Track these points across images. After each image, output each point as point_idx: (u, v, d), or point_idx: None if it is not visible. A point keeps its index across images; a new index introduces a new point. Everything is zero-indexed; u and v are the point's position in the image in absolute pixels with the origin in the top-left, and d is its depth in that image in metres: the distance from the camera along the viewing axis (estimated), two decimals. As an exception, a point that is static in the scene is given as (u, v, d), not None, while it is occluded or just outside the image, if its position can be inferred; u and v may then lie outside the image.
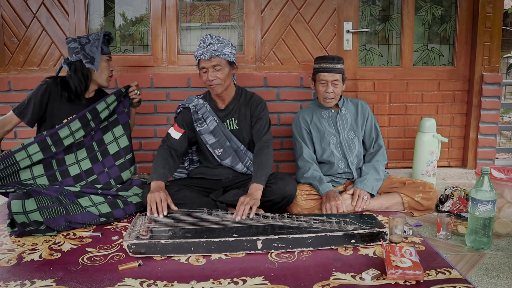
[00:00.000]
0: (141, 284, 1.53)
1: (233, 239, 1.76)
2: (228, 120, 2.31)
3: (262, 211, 2.13)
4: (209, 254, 1.76)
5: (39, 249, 1.85)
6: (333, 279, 1.56)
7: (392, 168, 3.11)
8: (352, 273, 1.60)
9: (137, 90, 2.41)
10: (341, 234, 1.81)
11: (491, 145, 3.09)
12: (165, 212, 2.00)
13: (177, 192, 2.16)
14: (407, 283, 1.52)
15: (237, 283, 1.54)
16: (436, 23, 3.09)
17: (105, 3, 2.92)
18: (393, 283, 1.52)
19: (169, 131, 2.32)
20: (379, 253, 1.77)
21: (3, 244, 1.91)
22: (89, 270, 1.65)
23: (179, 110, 2.35)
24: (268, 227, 1.88)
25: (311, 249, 1.80)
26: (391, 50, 3.09)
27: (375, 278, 1.55)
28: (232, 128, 2.32)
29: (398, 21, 3.05)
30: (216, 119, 2.29)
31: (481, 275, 1.62)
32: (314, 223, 1.92)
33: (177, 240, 1.75)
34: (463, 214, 2.23)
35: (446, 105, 3.10)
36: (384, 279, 1.55)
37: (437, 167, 2.97)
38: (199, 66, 2.21)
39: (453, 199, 2.34)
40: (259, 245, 1.77)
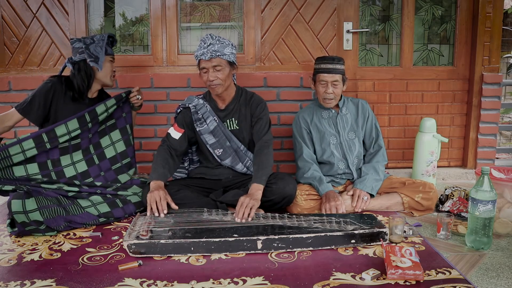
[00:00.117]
0: (141, 284, 1.54)
1: (233, 239, 1.76)
2: (228, 120, 2.31)
3: (262, 211, 2.13)
4: (209, 254, 1.76)
5: (39, 249, 1.85)
6: (333, 279, 1.56)
7: (392, 168, 3.11)
8: (352, 273, 1.60)
9: (138, 94, 2.42)
10: (341, 234, 1.81)
11: (491, 145, 3.09)
12: (165, 211, 2.00)
13: (177, 192, 2.16)
14: (407, 283, 1.52)
15: (237, 283, 1.54)
16: (436, 23, 3.09)
17: (105, 3, 2.92)
18: (393, 283, 1.52)
19: (169, 131, 2.32)
20: (379, 253, 1.77)
21: (3, 244, 1.91)
22: (89, 270, 1.65)
23: (179, 110, 2.35)
24: (268, 227, 1.88)
25: (311, 249, 1.80)
26: (391, 50, 3.09)
27: (375, 278, 1.55)
28: (232, 128, 2.32)
29: (398, 21, 3.05)
30: (216, 119, 2.29)
31: (481, 275, 1.62)
32: (314, 223, 1.92)
33: (177, 240, 1.75)
34: (463, 214, 2.23)
35: (446, 105, 3.10)
36: (384, 279, 1.55)
37: (437, 167, 2.97)
38: (199, 66, 2.21)
39: (453, 199, 2.34)
40: (259, 245, 1.77)
